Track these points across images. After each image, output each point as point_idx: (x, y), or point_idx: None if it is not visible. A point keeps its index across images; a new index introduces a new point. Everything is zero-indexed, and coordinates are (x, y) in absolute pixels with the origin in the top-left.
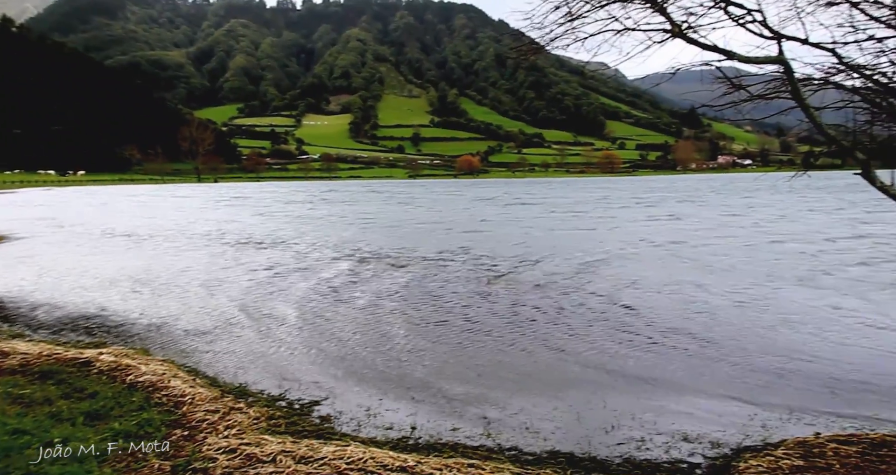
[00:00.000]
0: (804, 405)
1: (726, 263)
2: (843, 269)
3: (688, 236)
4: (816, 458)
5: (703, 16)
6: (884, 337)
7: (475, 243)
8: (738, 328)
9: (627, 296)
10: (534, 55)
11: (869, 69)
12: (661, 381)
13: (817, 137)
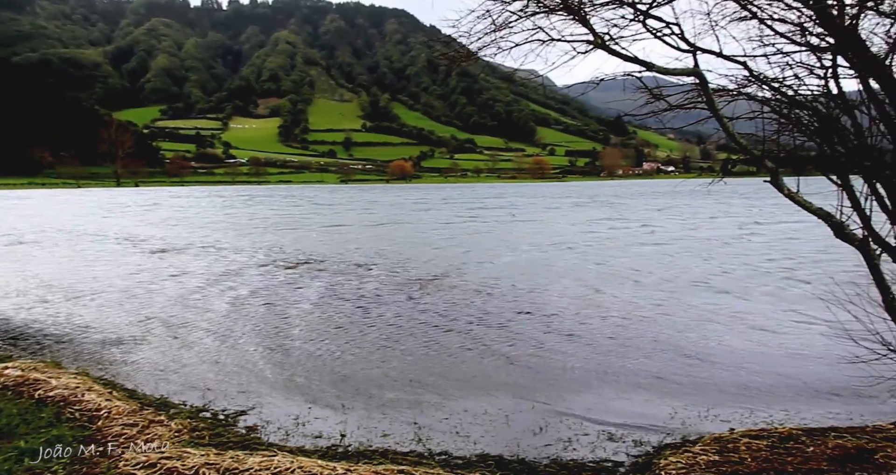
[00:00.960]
0: (721, 403)
1: (633, 267)
2: (746, 272)
3: (603, 240)
4: (731, 453)
5: (624, 28)
6: (790, 338)
7: (399, 248)
8: (656, 331)
9: (550, 300)
10: (464, 62)
11: (777, 82)
12: (586, 383)
13: (733, 146)
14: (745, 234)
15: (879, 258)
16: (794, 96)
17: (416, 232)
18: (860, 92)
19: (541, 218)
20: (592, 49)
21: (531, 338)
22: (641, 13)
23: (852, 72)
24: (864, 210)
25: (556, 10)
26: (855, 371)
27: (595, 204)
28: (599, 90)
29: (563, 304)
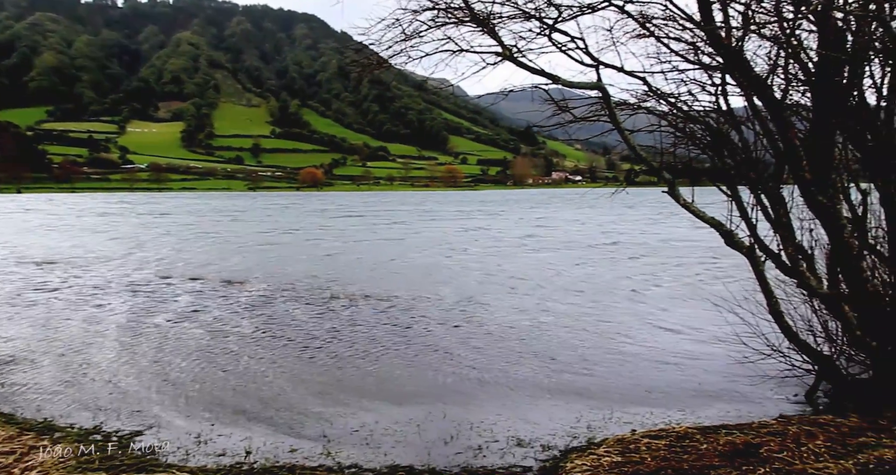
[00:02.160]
0: (623, 406)
1: (528, 275)
2: (640, 278)
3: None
4: (632, 453)
5: (531, 41)
6: (686, 341)
7: (304, 258)
8: (560, 338)
9: (453, 309)
10: (376, 70)
11: (673, 97)
12: (496, 391)
13: (636, 157)
14: (649, 241)
15: (764, 265)
16: (688, 111)
17: (315, 242)
18: (746, 109)
19: (440, 224)
20: (501, 61)
21: (440, 347)
22: (548, 27)
23: (739, 90)
24: (751, 219)
25: (465, 21)
26: (744, 370)
27: (502, 209)
28: (510, 100)
29: (466, 313)
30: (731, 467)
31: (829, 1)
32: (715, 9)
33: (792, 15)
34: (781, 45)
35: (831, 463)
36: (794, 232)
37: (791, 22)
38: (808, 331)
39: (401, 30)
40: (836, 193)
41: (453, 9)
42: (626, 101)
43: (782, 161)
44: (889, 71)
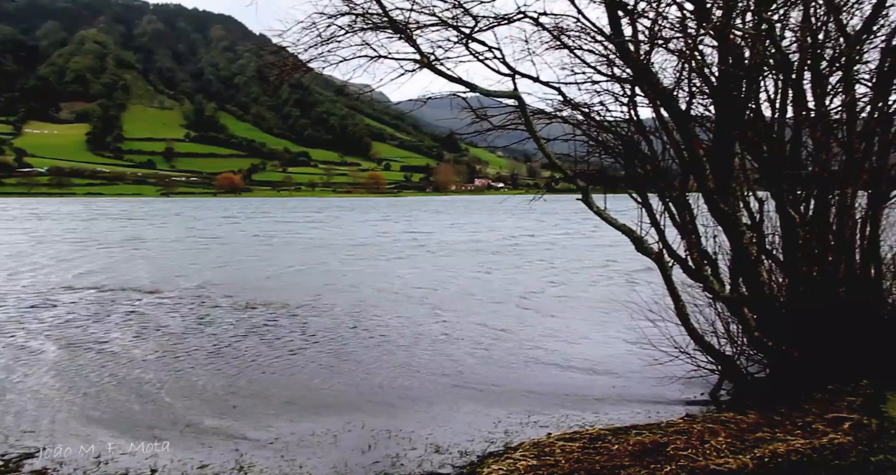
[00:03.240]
0: (540, 410)
1: (436, 282)
2: (554, 284)
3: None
4: (547, 456)
5: (449, 50)
6: (599, 345)
7: (213, 266)
8: (478, 346)
9: (369, 317)
10: (294, 73)
11: (587, 107)
12: (416, 399)
13: (567, 164)
14: (564, 247)
15: (672, 269)
16: (601, 121)
17: (224, 250)
18: (654, 120)
19: (352, 229)
20: (420, 68)
21: (353, 356)
22: (465, 36)
23: (648, 101)
24: (660, 226)
25: (383, 27)
26: (654, 372)
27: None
28: (433, 107)
29: (383, 322)
30: (640, 466)
31: (726, 20)
32: (625, 23)
33: (694, 31)
34: (686, 59)
35: (731, 458)
36: (699, 238)
37: (694, 38)
38: (712, 333)
39: (317, 33)
40: (736, 201)
41: (371, 15)
42: (543, 110)
43: (687, 170)
44: (780, 86)
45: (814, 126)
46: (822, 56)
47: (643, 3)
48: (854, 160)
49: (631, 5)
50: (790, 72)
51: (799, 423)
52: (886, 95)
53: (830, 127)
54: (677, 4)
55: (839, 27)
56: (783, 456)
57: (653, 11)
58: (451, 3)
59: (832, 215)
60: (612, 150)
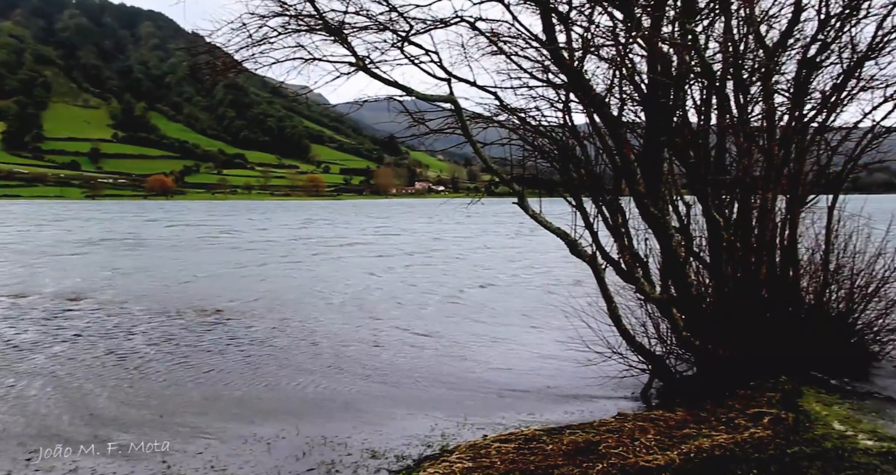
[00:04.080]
0: (477, 412)
1: (370, 286)
2: (492, 287)
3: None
4: (483, 458)
5: (385, 52)
6: (535, 347)
7: (127, 271)
8: (413, 350)
9: (296, 322)
10: (227, 74)
11: (523, 112)
12: (350, 404)
13: (503, 168)
14: (492, 249)
15: (605, 272)
16: (537, 126)
17: (140, 254)
18: (588, 125)
19: (281, 233)
20: (355, 71)
21: (287, 362)
22: (401, 39)
23: (582, 107)
24: (594, 229)
25: (317, 29)
26: (588, 372)
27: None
28: (373, 110)
29: (311, 326)
30: (573, 465)
31: (655, 29)
32: (559, 30)
33: (624, 39)
34: (617, 66)
35: (659, 454)
36: (631, 241)
37: (624, 46)
38: (643, 333)
39: (248, 35)
40: (665, 205)
41: (304, 16)
42: (481, 115)
43: (619, 174)
44: (705, 94)
45: (736, 133)
46: (743, 66)
47: (576, 10)
48: (773, 166)
49: (564, 12)
50: (713, 81)
51: (723, 419)
52: (802, 105)
53: (752, 134)
54: (608, 13)
55: (758, 39)
56: (707, 451)
57: (585, 19)
58: (387, 7)
59: (754, 219)
60: (547, 155)
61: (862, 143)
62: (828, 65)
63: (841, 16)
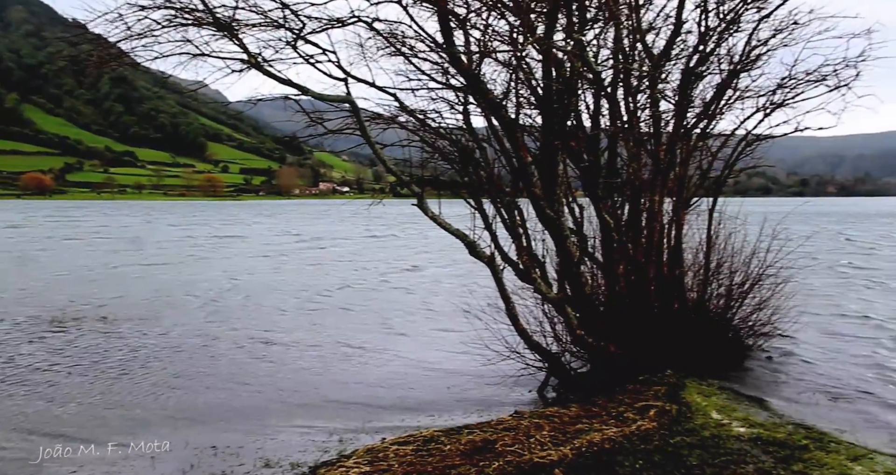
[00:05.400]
0: (376, 417)
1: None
2: (397, 289)
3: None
4: (380, 461)
5: (280, 50)
6: (435, 348)
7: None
8: (307, 355)
9: (176, 331)
10: (106, 66)
11: (423, 114)
12: (242, 413)
13: (403, 169)
14: (391, 250)
15: (503, 272)
16: (437, 128)
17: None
18: (486, 128)
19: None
20: (248, 68)
21: (171, 370)
22: (295, 37)
23: (480, 110)
24: (494, 230)
25: (205, 24)
26: (487, 372)
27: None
28: (274, 108)
29: (192, 332)
30: (470, 464)
31: (548, 36)
32: (458, 33)
33: (520, 44)
34: (514, 70)
35: (553, 450)
36: (529, 242)
37: (520, 51)
38: (540, 332)
39: (126, 26)
40: (560, 207)
41: (191, 10)
42: (381, 115)
43: (517, 176)
44: (596, 100)
45: (626, 138)
46: (632, 74)
47: (474, 14)
48: (660, 170)
49: (462, 16)
50: (603, 87)
51: (613, 413)
52: (685, 112)
53: (641, 139)
54: (505, 18)
55: (645, 48)
56: (598, 444)
57: (483, 23)
58: (279, 4)
59: (643, 220)
60: (448, 157)
61: (738, 150)
62: (708, 75)
63: (718, 29)
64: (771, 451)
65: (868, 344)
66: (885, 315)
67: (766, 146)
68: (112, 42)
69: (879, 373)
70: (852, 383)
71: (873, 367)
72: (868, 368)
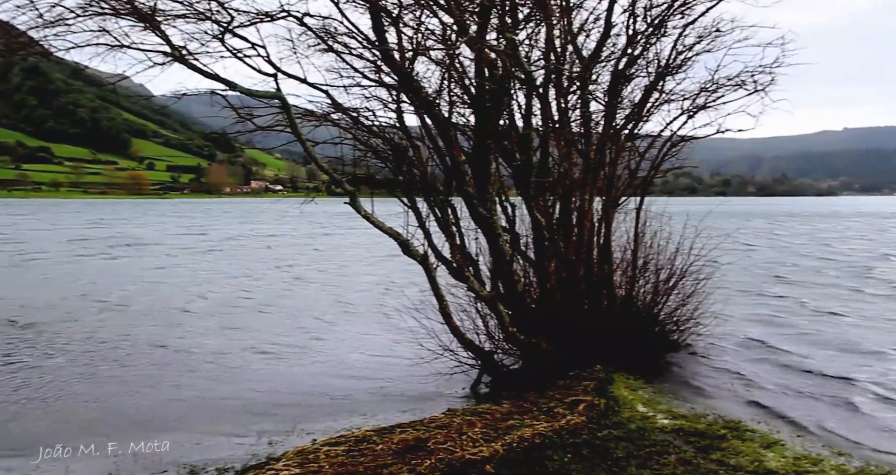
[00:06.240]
0: (308, 418)
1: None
2: (326, 290)
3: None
4: (311, 463)
5: (206, 44)
6: (368, 347)
7: None
8: (236, 356)
9: (100, 334)
10: (14, 55)
11: (356, 111)
12: (165, 419)
13: (337, 167)
14: (325, 251)
15: (436, 271)
16: (371, 126)
17: None
18: (420, 127)
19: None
20: (171, 61)
21: (86, 375)
22: (222, 31)
23: (413, 108)
24: (428, 229)
25: (124, 14)
26: (421, 370)
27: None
28: (203, 104)
29: (104, 335)
30: (402, 463)
31: (480, 35)
32: (392, 30)
33: (453, 43)
34: (447, 69)
35: (484, 446)
36: (463, 240)
37: (453, 50)
38: (473, 330)
39: (38, 14)
40: (493, 206)
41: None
42: (313, 112)
43: (450, 175)
44: (526, 100)
45: (558, 138)
46: (563, 75)
47: (406, 11)
48: (590, 170)
49: (395, 13)
50: (534, 87)
51: (544, 408)
52: (615, 113)
53: (572, 139)
54: (437, 17)
55: (576, 50)
56: (529, 439)
57: (416, 20)
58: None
59: (574, 219)
60: (381, 155)
61: (664, 150)
62: (636, 78)
63: (646, 33)
64: (692, 441)
65: (782, 336)
66: (801, 310)
67: (690, 147)
68: (21, 30)
69: (792, 363)
70: (768, 374)
71: (787, 359)
72: (782, 360)
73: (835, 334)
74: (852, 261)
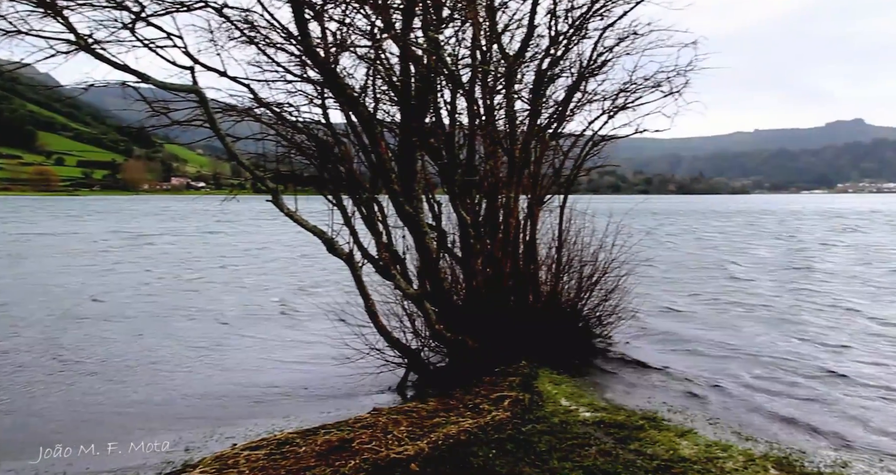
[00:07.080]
0: (227, 422)
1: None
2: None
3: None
4: (230, 469)
5: (116, 32)
6: (291, 349)
7: None
8: (152, 364)
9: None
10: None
11: (279, 107)
12: (71, 428)
13: (260, 164)
14: (250, 253)
15: (362, 269)
16: (295, 122)
17: None
18: (346, 124)
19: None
20: (76, 50)
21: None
22: (134, 19)
23: (339, 104)
24: (354, 227)
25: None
26: (346, 370)
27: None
28: (118, 96)
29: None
30: (325, 465)
31: (405, 32)
32: (315, 24)
33: (378, 39)
34: (373, 65)
35: (410, 445)
36: (390, 238)
37: (377, 46)
38: (400, 329)
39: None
40: (419, 203)
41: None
42: (235, 107)
43: (376, 173)
44: (451, 98)
45: (484, 136)
46: (489, 73)
47: (330, 5)
48: (516, 168)
49: (318, 7)
50: (460, 85)
51: (470, 405)
52: (539, 112)
53: (497, 137)
54: (362, 12)
55: (501, 49)
56: (454, 436)
57: (340, 15)
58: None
59: (500, 216)
60: (306, 152)
61: (586, 149)
62: (559, 78)
63: (567, 34)
64: (612, 433)
65: (697, 329)
66: (715, 303)
67: (613, 146)
68: None
69: (707, 355)
70: (684, 365)
71: (703, 350)
72: (698, 351)
73: (747, 326)
74: (762, 257)
